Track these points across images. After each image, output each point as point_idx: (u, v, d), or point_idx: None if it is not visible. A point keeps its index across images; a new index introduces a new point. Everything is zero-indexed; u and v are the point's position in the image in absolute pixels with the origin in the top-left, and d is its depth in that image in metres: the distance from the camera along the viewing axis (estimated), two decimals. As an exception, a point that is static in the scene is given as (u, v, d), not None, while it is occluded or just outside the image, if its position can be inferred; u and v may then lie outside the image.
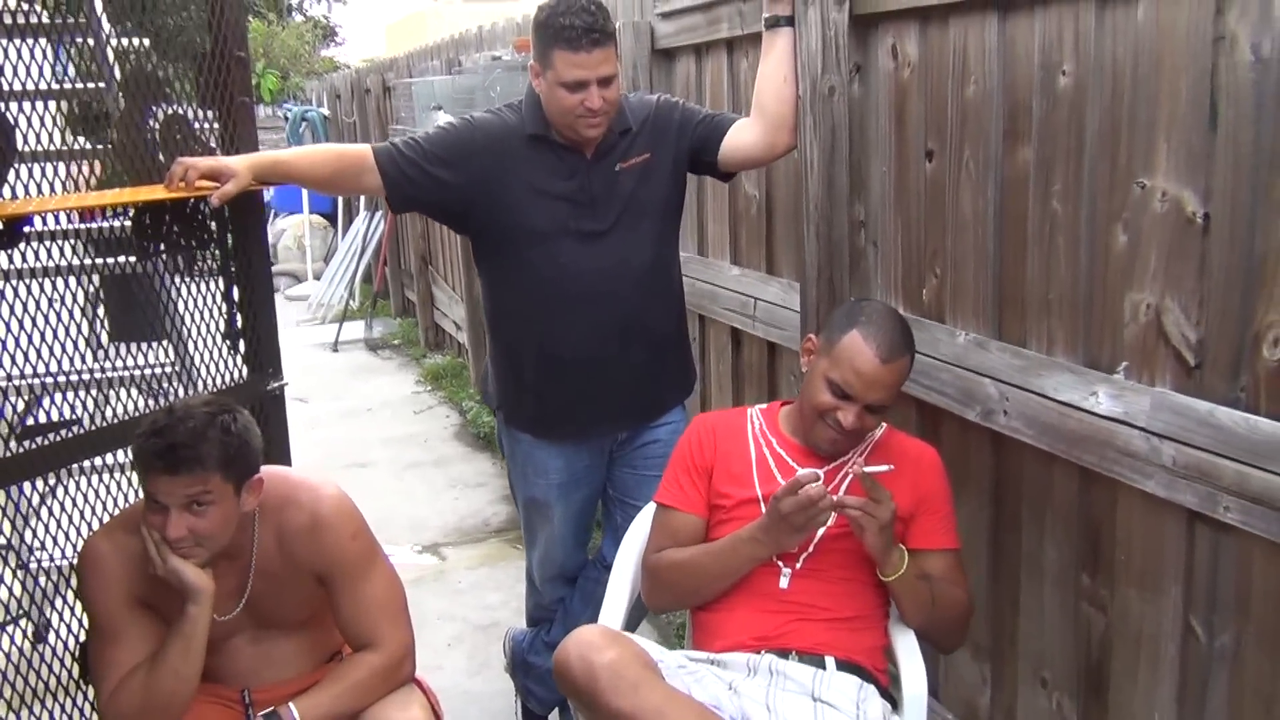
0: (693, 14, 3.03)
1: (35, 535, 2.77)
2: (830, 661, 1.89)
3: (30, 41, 2.12)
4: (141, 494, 1.80)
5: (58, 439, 2.06)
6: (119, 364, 2.93)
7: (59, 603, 2.29)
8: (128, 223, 2.23)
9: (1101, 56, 1.78)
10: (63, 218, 2.76)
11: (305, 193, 9.33)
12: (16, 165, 1.89)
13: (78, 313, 2.26)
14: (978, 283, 2.12)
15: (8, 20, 2.04)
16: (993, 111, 2.02)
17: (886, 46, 2.30)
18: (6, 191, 1.90)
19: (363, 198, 8.25)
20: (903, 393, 2.24)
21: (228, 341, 2.38)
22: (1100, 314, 1.86)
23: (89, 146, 2.47)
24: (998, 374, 2.04)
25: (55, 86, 2.45)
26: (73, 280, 2.48)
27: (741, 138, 2.38)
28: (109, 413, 2.36)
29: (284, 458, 2.45)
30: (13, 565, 2.79)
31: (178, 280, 2.44)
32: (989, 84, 2.02)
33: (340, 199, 9.50)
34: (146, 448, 1.73)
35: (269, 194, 10.46)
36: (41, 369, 2.31)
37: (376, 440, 5.45)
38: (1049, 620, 2.08)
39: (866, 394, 1.90)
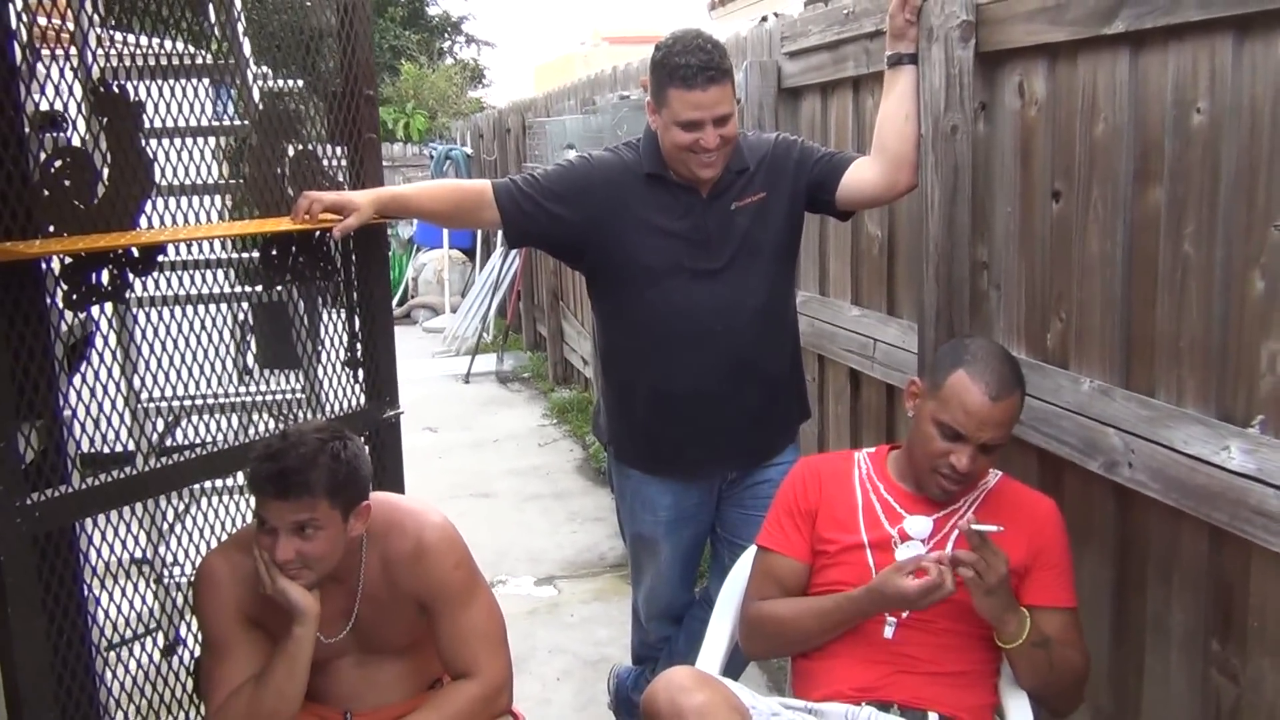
0: (819, 53, 3.01)
1: (170, 551, 2.89)
2: (934, 718, 1.82)
3: (185, 82, 2.23)
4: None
5: (184, 458, 2.14)
6: (254, 390, 3.05)
7: (190, 618, 2.37)
8: (271, 253, 2.32)
9: (1239, 93, 1.69)
10: (215, 246, 2.90)
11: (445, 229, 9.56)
12: (154, 197, 1.99)
13: (225, 338, 2.35)
14: (1104, 328, 2.03)
15: (163, 62, 2.15)
16: (1123, 151, 1.94)
17: (1013, 84, 2.24)
18: (144, 222, 1.99)
19: (499, 233, 8.44)
20: (1023, 441, 2.16)
21: (348, 370, 2.45)
22: (1235, 364, 1.75)
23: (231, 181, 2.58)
24: (1122, 424, 1.94)
25: (216, 124, 2.59)
26: (213, 308, 2.60)
27: (861, 176, 2.34)
28: (251, 436, 2.45)
29: (398, 484, 2.50)
30: (149, 579, 2.91)
31: (306, 309, 2.53)
32: (1119, 122, 1.94)
33: (479, 234, 9.72)
34: (259, 472, 1.79)
35: (412, 229, 10.83)
36: (183, 392, 2.41)
37: (501, 471, 5.52)
38: (1175, 688, 1.95)
39: (979, 434, 1.84)
